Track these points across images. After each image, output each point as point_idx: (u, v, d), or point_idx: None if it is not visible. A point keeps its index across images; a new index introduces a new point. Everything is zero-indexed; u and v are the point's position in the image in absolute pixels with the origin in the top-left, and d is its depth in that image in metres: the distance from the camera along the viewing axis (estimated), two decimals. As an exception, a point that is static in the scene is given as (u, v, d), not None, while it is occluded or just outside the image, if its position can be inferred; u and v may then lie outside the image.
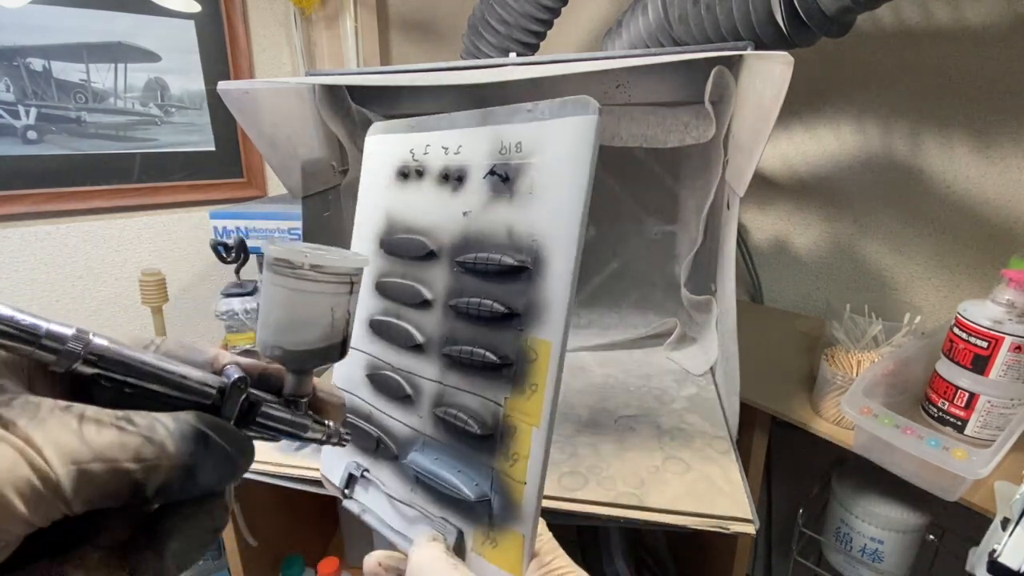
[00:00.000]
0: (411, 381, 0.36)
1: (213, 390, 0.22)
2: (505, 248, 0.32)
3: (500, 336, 0.32)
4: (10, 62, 0.92)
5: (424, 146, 0.39)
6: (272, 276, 0.25)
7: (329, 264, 0.25)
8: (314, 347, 0.26)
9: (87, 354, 0.19)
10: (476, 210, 0.35)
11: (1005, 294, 0.57)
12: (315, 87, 0.68)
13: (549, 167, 0.31)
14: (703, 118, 0.63)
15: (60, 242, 1.03)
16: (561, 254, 0.30)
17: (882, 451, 0.58)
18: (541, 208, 0.31)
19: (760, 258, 1.09)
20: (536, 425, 0.29)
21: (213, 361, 0.24)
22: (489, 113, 0.35)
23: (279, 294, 0.25)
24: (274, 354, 0.26)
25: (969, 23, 0.77)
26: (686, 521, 0.45)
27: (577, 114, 0.30)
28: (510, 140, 0.33)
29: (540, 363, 0.30)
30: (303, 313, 0.26)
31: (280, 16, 1.14)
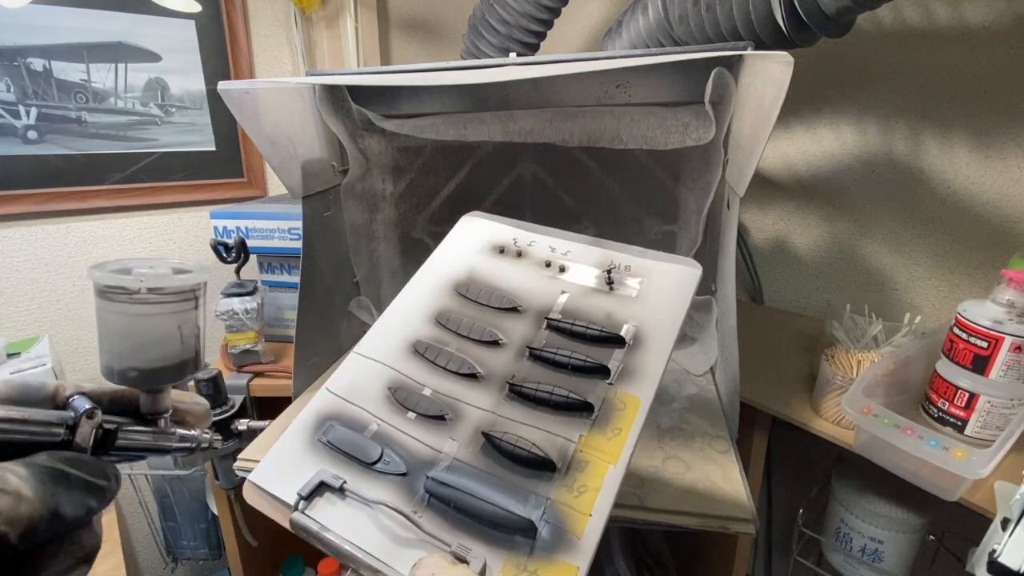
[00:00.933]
0: (453, 406, 0.35)
1: (60, 428, 0.21)
2: (600, 325, 0.36)
3: (583, 384, 0.34)
4: (11, 62, 0.92)
5: (529, 241, 0.42)
6: (105, 304, 0.24)
7: (169, 285, 0.24)
8: (166, 366, 0.25)
9: None
10: (575, 293, 0.39)
11: (1005, 294, 0.57)
12: (315, 87, 0.68)
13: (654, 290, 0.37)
14: (703, 119, 0.63)
15: (60, 242, 1.03)
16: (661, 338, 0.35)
17: (882, 451, 0.58)
18: (644, 307, 0.37)
19: (760, 258, 1.09)
20: (614, 463, 0.31)
21: (54, 395, 0.24)
22: (602, 241, 0.40)
23: (118, 322, 0.24)
24: (124, 380, 0.25)
25: (969, 23, 0.77)
26: (686, 521, 0.45)
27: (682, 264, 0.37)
28: (620, 262, 0.39)
29: (628, 413, 0.33)
30: (149, 336, 0.25)
31: (280, 16, 1.14)
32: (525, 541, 0.29)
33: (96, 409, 0.22)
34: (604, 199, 0.84)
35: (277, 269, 0.91)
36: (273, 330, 0.92)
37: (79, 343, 1.09)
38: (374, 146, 0.83)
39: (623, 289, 0.37)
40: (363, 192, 0.83)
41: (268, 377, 0.82)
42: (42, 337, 0.96)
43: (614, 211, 0.84)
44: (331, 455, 0.33)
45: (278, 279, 0.92)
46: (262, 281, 0.92)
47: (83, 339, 1.09)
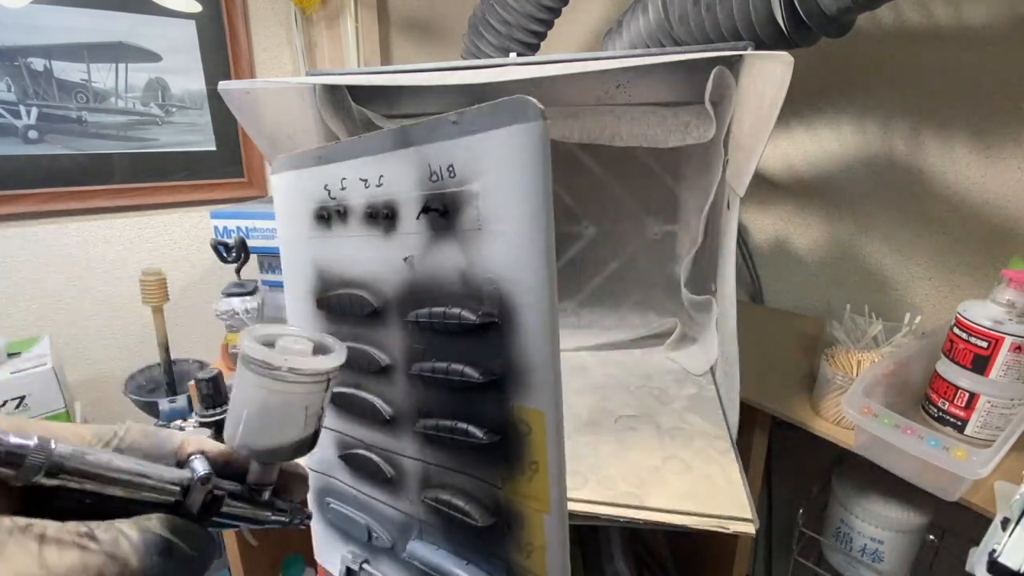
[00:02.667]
0: (391, 460, 0.32)
1: (177, 488, 0.22)
2: (462, 298, 0.26)
3: (481, 405, 0.27)
4: (11, 62, 0.92)
5: (340, 179, 0.31)
6: (248, 374, 0.24)
7: (309, 367, 0.24)
8: (283, 445, 0.25)
9: (49, 467, 0.18)
10: (418, 254, 0.29)
11: (1005, 294, 0.57)
12: (316, 87, 0.68)
13: (494, 193, 0.25)
14: (703, 118, 0.63)
15: (61, 242, 1.03)
16: (532, 300, 0.24)
17: (882, 451, 0.58)
18: (494, 244, 0.25)
19: (760, 258, 1.09)
20: (546, 511, 0.25)
21: (179, 450, 0.24)
22: (406, 132, 0.29)
23: (255, 394, 0.24)
24: (243, 451, 0.25)
25: (969, 23, 0.77)
26: (686, 521, 0.45)
27: (516, 121, 0.23)
28: (439, 163, 0.27)
29: (536, 437, 0.25)
30: (278, 415, 0.25)
31: (281, 16, 1.14)
32: None
33: (211, 476, 0.23)
34: (604, 199, 0.84)
35: (277, 269, 0.91)
36: (273, 330, 0.92)
37: (79, 343, 1.09)
38: (374, 146, 0.83)
39: (462, 216, 0.27)
40: (363, 192, 0.83)
41: (268, 377, 0.82)
42: (42, 337, 0.96)
43: (614, 211, 0.84)
44: (341, 535, 0.36)
45: (278, 279, 0.92)
46: (262, 281, 0.92)
47: (83, 339, 1.09)
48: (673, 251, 0.85)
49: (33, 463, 0.18)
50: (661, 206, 0.83)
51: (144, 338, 1.13)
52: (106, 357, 1.12)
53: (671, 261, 0.85)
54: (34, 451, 0.18)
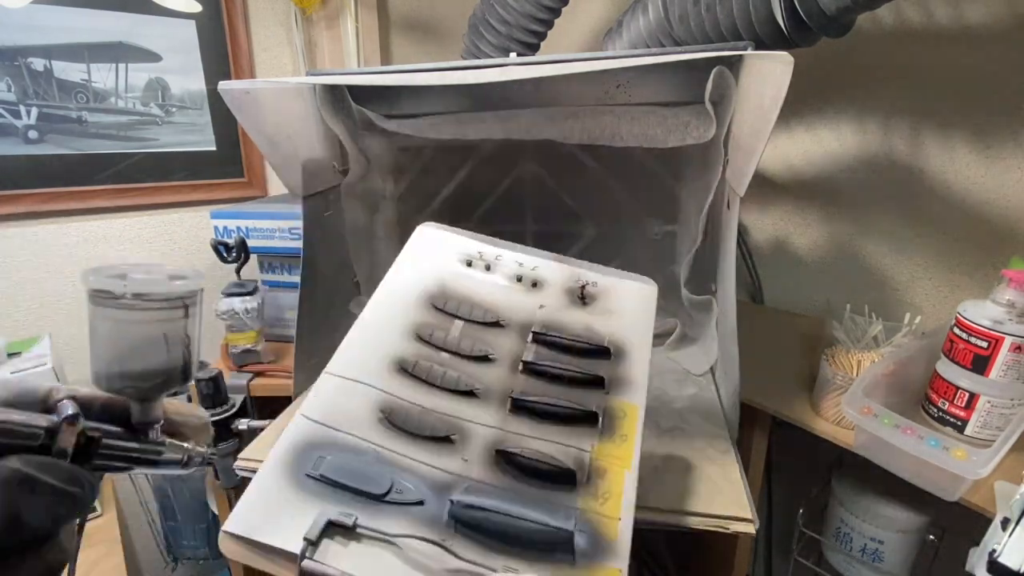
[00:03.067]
0: (457, 425, 0.35)
1: (40, 430, 0.21)
2: (584, 338, 0.38)
3: (583, 395, 0.36)
4: (11, 62, 0.92)
5: (495, 255, 0.43)
6: (94, 308, 0.24)
7: (154, 291, 0.24)
8: (151, 374, 0.24)
9: None
10: (552, 307, 0.41)
11: (1005, 294, 0.57)
12: (316, 87, 0.68)
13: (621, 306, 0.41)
14: (703, 118, 0.63)
15: (61, 242, 1.03)
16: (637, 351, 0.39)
17: (882, 451, 0.58)
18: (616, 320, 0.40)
19: (760, 258, 1.09)
20: (628, 468, 0.33)
21: (46, 398, 0.23)
22: (564, 258, 0.43)
23: (104, 327, 0.24)
24: (111, 386, 0.24)
25: (969, 23, 0.77)
26: (686, 520, 0.45)
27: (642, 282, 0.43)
28: (587, 278, 0.42)
29: (629, 420, 0.36)
30: (133, 343, 0.24)
31: (281, 16, 1.14)
32: (565, 555, 0.29)
33: (78, 415, 0.22)
34: (604, 199, 0.84)
35: (277, 269, 0.91)
36: (273, 330, 0.92)
37: (79, 343, 1.09)
38: (374, 146, 0.83)
39: (594, 304, 0.41)
40: (363, 192, 0.83)
41: (268, 377, 0.82)
42: (42, 337, 0.96)
43: (614, 211, 0.84)
44: (328, 491, 0.30)
45: (278, 279, 0.92)
46: (262, 281, 0.92)
47: (83, 339, 1.08)
48: (673, 251, 0.85)
49: None
50: (661, 206, 0.83)
51: (144, 338, 1.12)
52: (106, 357, 1.12)
53: (671, 261, 0.85)
54: None
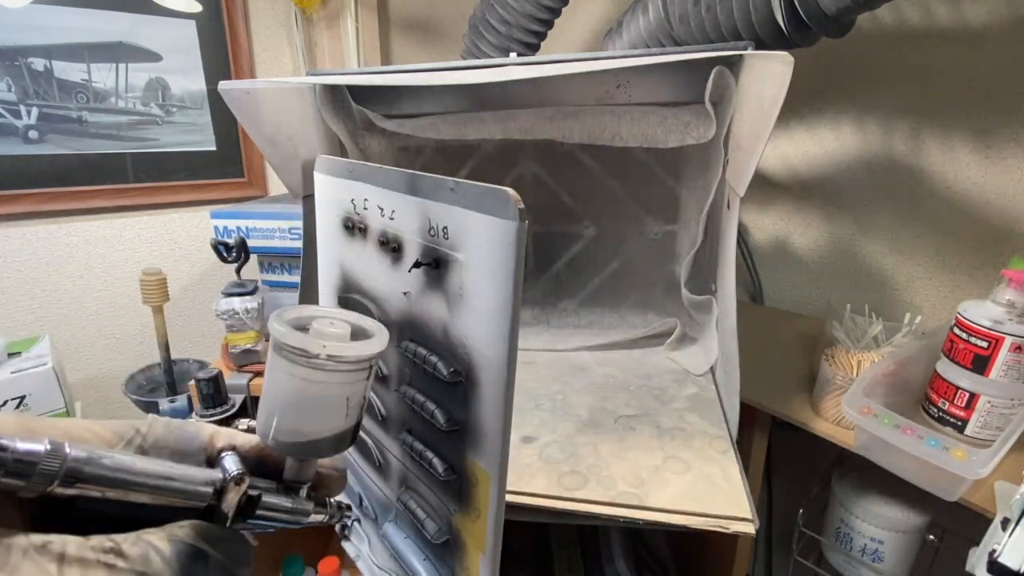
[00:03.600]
0: (381, 452, 0.35)
1: (209, 491, 0.19)
2: (442, 348, 0.30)
3: (449, 445, 0.30)
4: (12, 62, 0.92)
5: (363, 199, 0.36)
6: (281, 362, 0.22)
7: (350, 354, 0.22)
8: (324, 437, 0.23)
9: (64, 475, 0.16)
10: (415, 294, 0.32)
11: (1005, 294, 0.57)
12: (316, 87, 0.68)
13: (475, 271, 0.28)
14: (703, 118, 0.63)
15: (61, 242, 1.03)
16: (492, 376, 0.27)
17: (882, 451, 0.58)
18: (470, 315, 0.28)
19: (760, 258, 1.09)
20: (482, 551, 0.28)
21: (207, 446, 0.21)
22: (416, 180, 0.31)
23: (290, 384, 0.22)
24: (277, 443, 0.22)
25: (969, 23, 0.77)
26: (686, 521, 0.45)
27: (496, 214, 0.25)
28: (437, 222, 0.30)
29: (481, 491, 0.28)
30: (316, 405, 0.22)
31: (281, 16, 1.14)
32: None
33: (245, 475, 0.20)
34: (604, 199, 0.84)
35: (278, 269, 0.91)
36: (273, 330, 0.92)
37: (79, 343, 1.09)
38: (375, 146, 0.83)
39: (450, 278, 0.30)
40: (363, 192, 0.83)
41: (268, 377, 0.82)
42: (42, 337, 0.96)
43: (614, 211, 0.84)
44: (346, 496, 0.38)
45: (279, 279, 0.92)
46: (263, 281, 0.92)
47: (83, 339, 1.09)
48: (673, 251, 0.85)
49: (46, 471, 0.15)
50: (661, 206, 0.83)
51: (144, 338, 1.13)
52: (106, 357, 1.12)
53: (671, 261, 0.85)
54: (46, 458, 0.15)
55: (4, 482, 0.15)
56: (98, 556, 0.15)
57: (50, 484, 0.16)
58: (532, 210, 0.87)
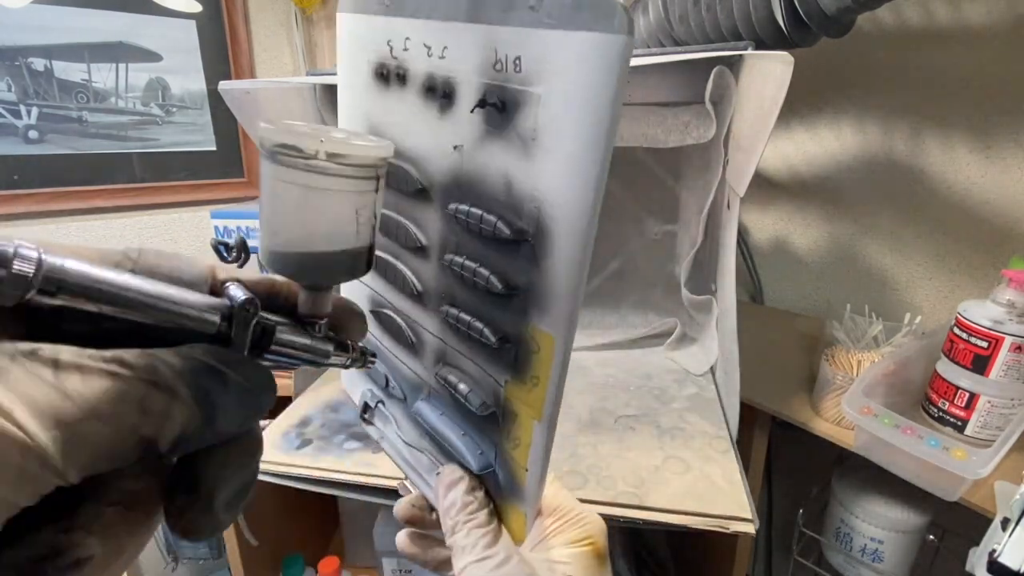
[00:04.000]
0: (414, 329, 0.32)
1: (216, 317, 0.17)
2: (503, 206, 0.26)
3: (501, 312, 0.27)
4: (12, 62, 0.92)
5: (404, 38, 0.29)
6: (276, 169, 0.19)
7: (352, 152, 0.19)
8: (336, 258, 0.20)
9: (44, 280, 0.14)
10: (469, 146, 0.27)
11: (1005, 294, 0.57)
12: (316, 87, 0.68)
13: (557, 106, 0.23)
14: (703, 118, 0.63)
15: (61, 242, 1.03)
16: (570, 231, 0.24)
17: (882, 451, 0.58)
18: (546, 162, 0.24)
19: (760, 258, 1.09)
20: (537, 419, 0.26)
21: (209, 277, 0.19)
22: (479, 2, 0.25)
23: (288, 194, 0.19)
24: (284, 268, 0.20)
25: (969, 23, 0.77)
26: (686, 520, 0.45)
27: (597, 29, 0.20)
28: (506, 52, 0.24)
29: (543, 356, 0.25)
30: (320, 217, 0.20)
31: (281, 16, 1.14)
32: (490, 481, 0.30)
33: (255, 301, 0.18)
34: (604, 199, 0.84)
35: (277, 269, 0.91)
36: (273, 330, 0.92)
37: (80, 343, 1.09)
38: (374, 146, 0.83)
39: (520, 119, 0.24)
40: (363, 192, 0.83)
41: (268, 377, 0.82)
42: (43, 337, 0.96)
43: (614, 211, 0.84)
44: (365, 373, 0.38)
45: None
46: (262, 281, 0.91)
47: (84, 339, 1.09)
48: (673, 251, 0.85)
49: (19, 273, 0.13)
50: (661, 206, 0.83)
51: (144, 338, 1.13)
52: (106, 357, 1.12)
53: (671, 261, 0.85)
54: (16, 260, 0.13)
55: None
56: (98, 364, 0.14)
57: (27, 290, 0.14)
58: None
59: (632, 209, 0.84)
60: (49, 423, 0.13)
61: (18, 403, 0.12)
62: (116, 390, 0.14)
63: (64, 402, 0.13)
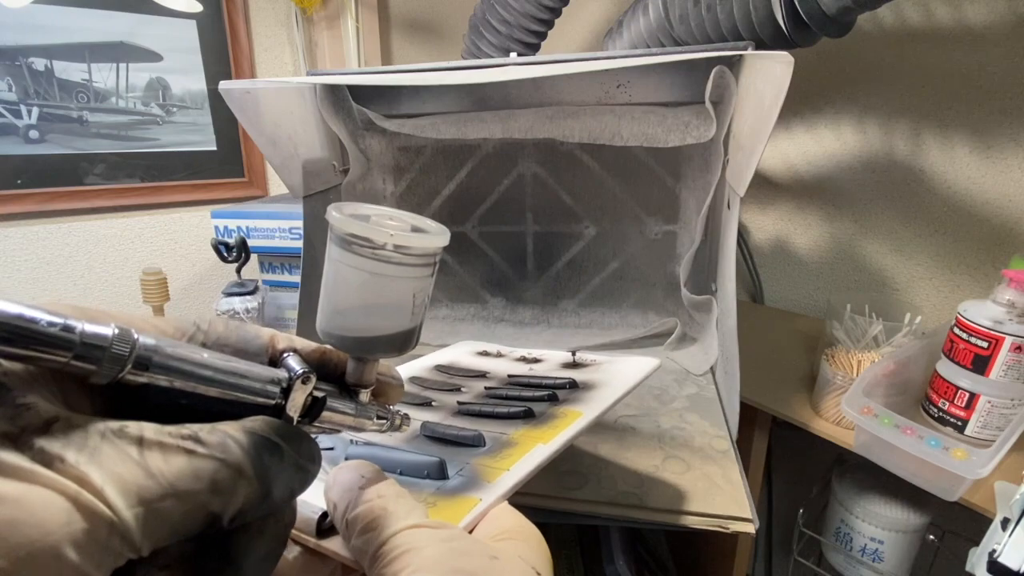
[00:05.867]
0: None
1: (276, 390, 0.18)
2: None
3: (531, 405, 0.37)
4: (12, 61, 0.92)
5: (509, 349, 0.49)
6: (345, 255, 0.20)
7: (417, 245, 0.21)
8: (389, 336, 0.22)
9: (136, 360, 0.15)
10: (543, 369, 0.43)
11: (1005, 294, 0.57)
12: (316, 87, 0.68)
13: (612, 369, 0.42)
14: (704, 118, 0.63)
15: (61, 241, 1.03)
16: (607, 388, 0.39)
17: (882, 451, 0.58)
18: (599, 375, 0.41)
19: (760, 258, 1.09)
20: (544, 442, 0.32)
21: (269, 347, 0.21)
22: None
23: (354, 277, 0.21)
24: (341, 342, 0.22)
25: (969, 23, 0.77)
26: (686, 520, 0.45)
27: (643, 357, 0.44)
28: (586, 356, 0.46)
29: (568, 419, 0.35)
30: (381, 299, 0.21)
31: (281, 16, 1.14)
32: (432, 483, 0.28)
33: (312, 374, 0.19)
34: (604, 199, 0.84)
35: (278, 269, 0.92)
36: (274, 330, 0.92)
37: (80, 342, 1.09)
38: (375, 146, 0.83)
39: (586, 368, 0.42)
40: (364, 192, 0.83)
41: (269, 376, 0.82)
42: (43, 336, 0.96)
43: (614, 211, 0.84)
44: None
45: (279, 279, 0.92)
46: (263, 281, 0.92)
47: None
48: (673, 251, 0.85)
49: (116, 354, 0.15)
50: (661, 206, 0.83)
51: (145, 338, 1.12)
52: (107, 357, 1.12)
53: (671, 261, 0.85)
54: (116, 341, 0.15)
55: (75, 365, 0.14)
56: (176, 441, 0.15)
57: (122, 369, 0.15)
58: (532, 210, 0.87)
59: (632, 209, 0.84)
60: (133, 500, 0.13)
61: (109, 482, 0.13)
62: (192, 468, 0.15)
63: (148, 480, 0.14)
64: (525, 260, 0.89)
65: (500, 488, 0.26)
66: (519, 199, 0.86)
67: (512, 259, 0.89)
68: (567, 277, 0.89)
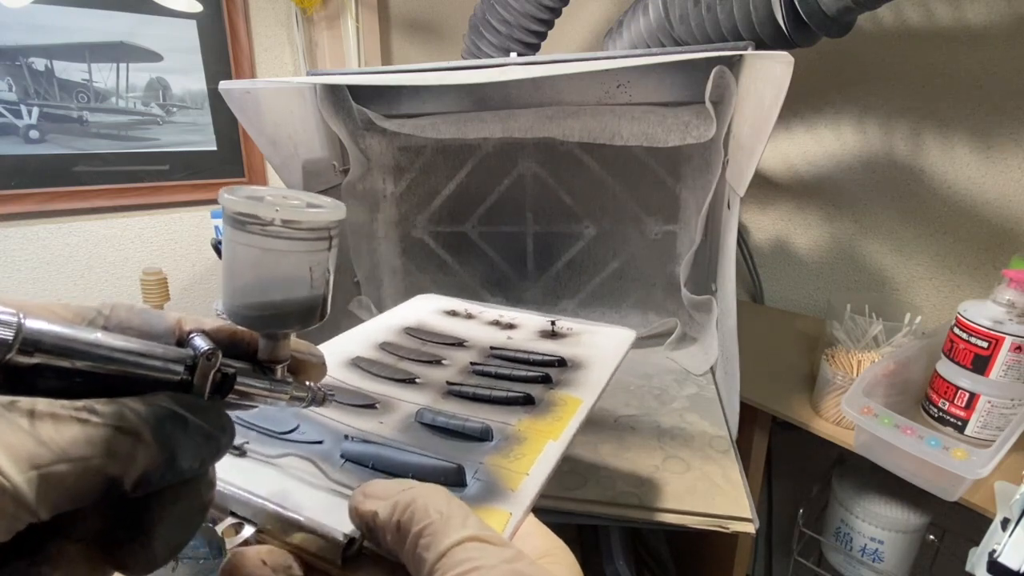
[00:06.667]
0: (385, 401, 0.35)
1: (180, 367, 0.19)
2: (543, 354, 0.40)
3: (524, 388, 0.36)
4: (12, 61, 0.92)
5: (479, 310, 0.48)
6: (235, 233, 0.21)
7: (305, 219, 0.21)
8: (291, 311, 0.22)
9: (22, 343, 0.16)
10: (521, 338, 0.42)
11: (1005, 294, 0.57)
12: (316, 87, 0.68)
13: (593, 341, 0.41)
14: (704, 118, 0.64)
15: (61, 241, 1.03)
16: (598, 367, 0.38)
17: (882, 451, 0.58)
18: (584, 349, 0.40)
19: (760, 258, 1.09)
20: (554, 439, 0.30)
21: (175, 329, 0.21)
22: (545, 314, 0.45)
23: (246, 254, 0.21)
24: (246, 319, 0.22)
25: (969, 23, 0.77)
26: (686, 520, 0.45)
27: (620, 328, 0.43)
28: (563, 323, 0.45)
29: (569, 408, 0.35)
30: (276, 274, 0.22)
31: (282, 16, 1.14)
32: (454, 491, 0.25)
33: (217, 351, 0.20)
34: (604, 199, 0.84)
35: (278, 269, 0.92)
36: (274, 329, 0.92)
37: (80, 342, 1.09)
38: (375, 146, 0.83)
39: (565, 339, 0.41)
40: (364, 192, 0.83)
41: (269, 376, 0.82)
42: (43, 336, 0.96)
43: (614, 211, 0.84)
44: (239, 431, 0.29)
45: (279, 279, 0.92)
46: (263, 281, 0.92)
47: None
48: (673, 251, 0.85)
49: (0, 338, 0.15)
50: (661, 206, 0.83)
51: (145, 338, 1.12)
52: (107, 357, 1.12)
53: (671, 261, 0.85)
54: None
55: None
56: (70, 412, 0.15)
57: (8, 351, 0.15)
58: (532, 210, 0.87)
59: (632, 209, 0.84)
60: (25, 466, 0.14)
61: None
62: (85, 435, 0.15)
63: (39, 447, 0.15)
64: (525, 260, 0.89)
65: (525, 498, 0.26)
66: (519, 199, 0.86)
67: (512, 259, 0.89)
68: (567, 277, 0.89)
